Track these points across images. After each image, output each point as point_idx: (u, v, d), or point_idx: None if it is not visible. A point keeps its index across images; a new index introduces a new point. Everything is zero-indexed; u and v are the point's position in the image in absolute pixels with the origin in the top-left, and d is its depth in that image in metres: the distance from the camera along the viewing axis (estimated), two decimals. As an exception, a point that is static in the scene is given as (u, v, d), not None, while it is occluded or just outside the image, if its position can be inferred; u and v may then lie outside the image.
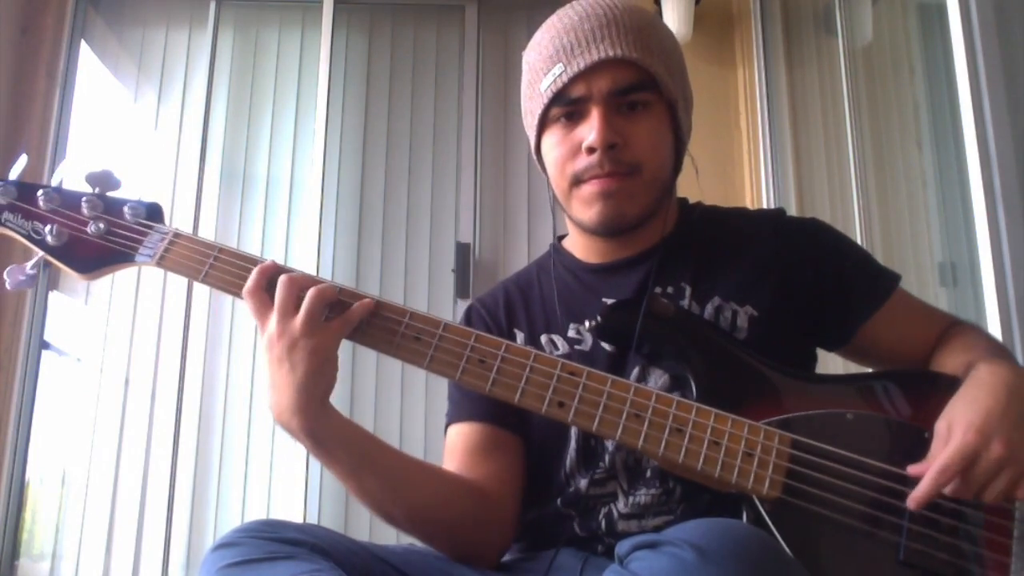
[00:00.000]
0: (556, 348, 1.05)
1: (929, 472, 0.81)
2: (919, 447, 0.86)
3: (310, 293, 0.88)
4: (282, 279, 0.89)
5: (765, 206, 2.47)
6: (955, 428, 0.82)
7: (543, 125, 1.03)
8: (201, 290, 2.59)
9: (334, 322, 0.89)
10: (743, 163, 2.60)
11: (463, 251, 2.66)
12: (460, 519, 0.97)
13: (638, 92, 0.98)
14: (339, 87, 2.79)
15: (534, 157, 1.09)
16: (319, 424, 0.88)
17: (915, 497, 0.81)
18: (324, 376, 0.88)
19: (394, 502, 0.94)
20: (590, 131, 0.97)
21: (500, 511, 1.01)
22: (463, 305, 2.57)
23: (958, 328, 1.06)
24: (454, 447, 1.06)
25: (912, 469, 0.83)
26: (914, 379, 0.98)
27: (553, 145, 1.02)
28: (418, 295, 2.66)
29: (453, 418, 1.08)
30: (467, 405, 1.07)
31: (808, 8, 2.60)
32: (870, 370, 1.12)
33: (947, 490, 0.81)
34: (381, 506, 0.94)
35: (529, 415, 1.01)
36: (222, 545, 0.81)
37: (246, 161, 2.79)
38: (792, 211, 2.38)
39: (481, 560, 0.97)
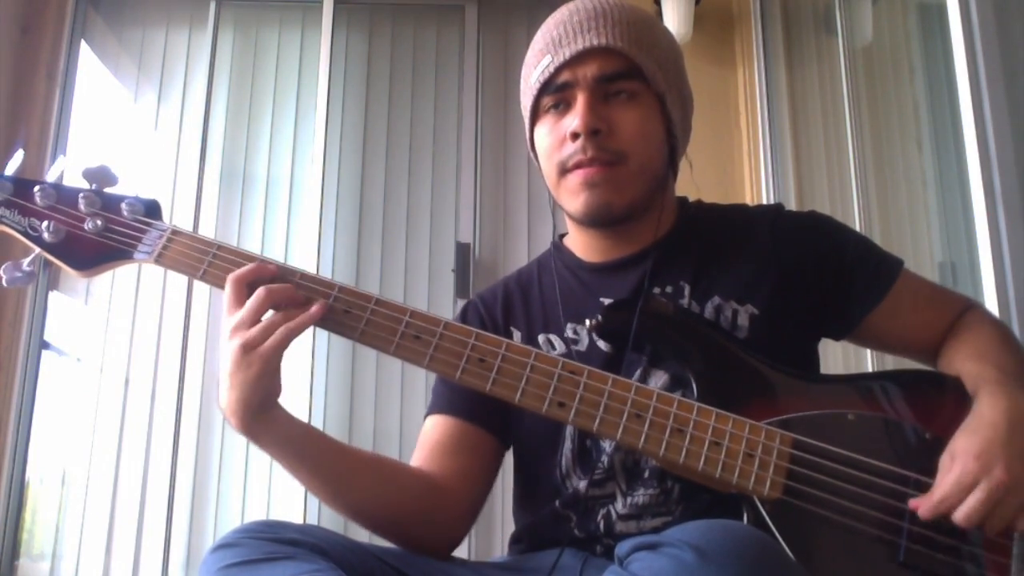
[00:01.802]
0: (553, 348, 1.04)
1: (929, 500, 0.81)
2: (920, 448, 0.86)
3: (256, 292, 0.88)
4: (260, 291, 0.88)
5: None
6: (957, 458, 0.82)
7: (535, 116, 1.05)
8: (201, 290, 2.59)
9: (273, 337, 0.87)
10: (743, 163, 2.59)
11: (463, 251, 2.66)
12: (405, 516, 0.99)
13: (624, 80, 0.99)
14: (339, 87, 2.78)
15: (531, 153, 1.10)
16: (255, 428, 0.89)
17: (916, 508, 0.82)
18: (262, 387, 0.87)
19: (334, 499, 0.96)
20: (574, 118, 0.99)
21: (452, 508, 1.02)
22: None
23: (970, 319, 1.04)
24: (426, 438, 1.07)
25: (913, 503, 0.83)
26: (916, 380, 0.97)
27: (543, 136, 1.04)
28: (418, 295, 2.66)
29: (432, 409, 1.09)
30: (448, 398, 1.07)
31: (808, 8, 2.60)
32: (870, 368, 1.12)
33: (956, 518, 0.80)
34: (324, 500, 0.97)
35: (520, 417, 1.02)
36: (222, 545, 0.81)
37: (246, 161, 2.78)
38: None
39: (427, 553, 0.98)
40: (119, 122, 2.82)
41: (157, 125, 2.81)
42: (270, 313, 0.90)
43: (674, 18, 2.49)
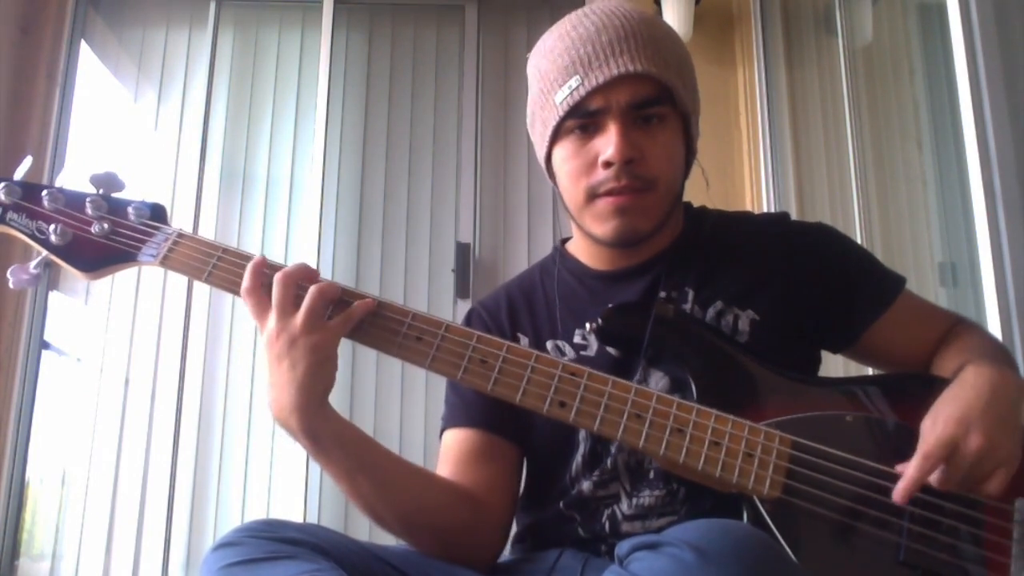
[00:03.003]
0: (563, 354, 1.04)
1: (912, 463, 0.82)
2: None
3: (311, 291, 0.89)
4: (277, 277, 0.89)
5: (765, 206, 2.47)
6: (937, 422, 0.83)
7: (556, 136, 1.01)
8: (201, 290, 2.59)
9: (334, 320, 0.89)
10: (743, 163, 2.60)
11: (463, 251, 2.66)
12: (450, 525, 0.97)
13: (655, 106, 0.97)
14: (339, 87, 2.79)
15: (542, 167, 1.07)
16: (317, 423, 0.88)
17: (899, 489, 0.81)
18: (323, 375, 0.88)
19: (385, 505, 0.94)
20: (607, 145, 0.96)
21: (491, 518, 1.01)
22: (463, 305, 2.57)
23: (959, 329, 1.06)
24: (448, 452, 1.06)
25: (900, 467, 0.83)
26: (912, 382, 0.98)
27: (567, 158, 1.00)
28: (418, 295, 2.66)
29: (448, 423, 1.08)
30: (463, 411, 1.06)
31: (808, 8, 2.60)
32: (871, 372, 1.12)
33: (932, 479, 0.81)
34: (373, 508, 0.94)
35: (533, 421, 1.01)
36: (223, 544, 0.81)
37: (246, 161, 2.79)
38: (792, 211, 2.39)
39: (471, 565, 0.97)
40: (119, 122, 2.82)
41: (157, 125, 2.82)
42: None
43: (674, 18, 2.49)
